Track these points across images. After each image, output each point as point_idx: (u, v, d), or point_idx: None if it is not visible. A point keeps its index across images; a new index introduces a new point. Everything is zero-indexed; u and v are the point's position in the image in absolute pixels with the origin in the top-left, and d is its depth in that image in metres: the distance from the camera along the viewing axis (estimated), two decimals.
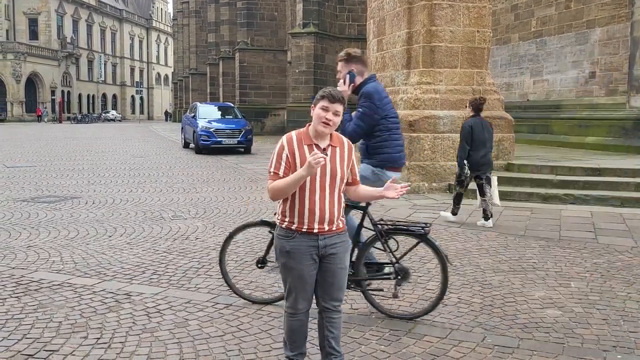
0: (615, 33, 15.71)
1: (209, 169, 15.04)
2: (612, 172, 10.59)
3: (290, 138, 3.07)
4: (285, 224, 3.06)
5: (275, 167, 3.03)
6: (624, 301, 4.82)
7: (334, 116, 3.00)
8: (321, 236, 3.05)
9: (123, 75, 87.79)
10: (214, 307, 4.68)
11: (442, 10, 11.34)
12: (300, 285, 3.11)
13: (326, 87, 3.14)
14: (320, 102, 3.04)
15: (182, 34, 58.29)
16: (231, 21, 34.41)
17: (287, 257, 3.07)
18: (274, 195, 3.04)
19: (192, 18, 50.79)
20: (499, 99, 11.98)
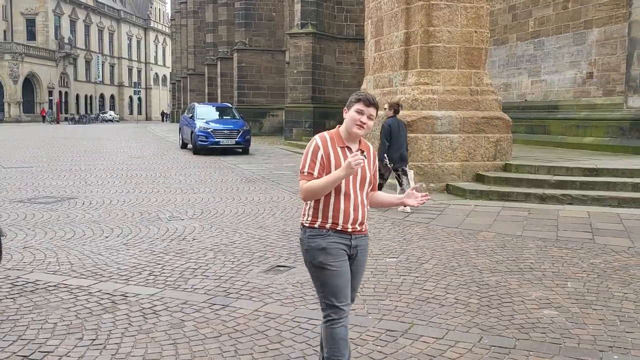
0: (612, 33, 15.72)
1: (207, 170, 15.03)
2: (610, 172, 10.59)
3: (324, 139, 3.00)
4: (318, 224, 3.01)
5: (310, 166, 2.95)
6: (621, 301, 4.82)
7: (368, 119, 2.98)
8: (353, 235, 3.04)
9: (121, 75, 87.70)
10: (211, 308, 4.67)
11: (440, 10, 11.34)
12: (341, 283, 3.02)
13: (360, 91, 3.08)
14: (355, 105, 2.99)
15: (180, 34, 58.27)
16: (229, 21, 34.40)
17: (325, 254, 2.99)
18: (307, 196, 2.97)
19: (190, 18, 50.76)
20: (497, 100, 11.98)
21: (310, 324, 4.34)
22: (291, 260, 6.11)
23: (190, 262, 6.02)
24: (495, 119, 11.60)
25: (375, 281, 5.40)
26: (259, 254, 6.38)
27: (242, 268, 5.82)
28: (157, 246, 6.72)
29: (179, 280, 5.43)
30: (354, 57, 24.82)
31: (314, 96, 24.02)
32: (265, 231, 7.57)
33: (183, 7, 54.91)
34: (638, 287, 5.22)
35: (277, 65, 31.03)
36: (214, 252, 6.47)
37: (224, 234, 7.37)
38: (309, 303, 4.80)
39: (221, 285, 5.28)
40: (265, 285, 5.28)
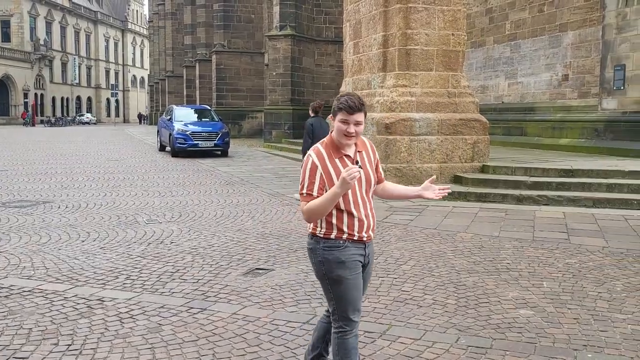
0: (587, 36, 15.97)
1: (185, 172, 14.94)
2: (585, 173, 10.75)
3: (320, 155, 2.86)
4: (334, 234, 2.88)
5: (309, 187, 2.82)
6: (595, 300, 4.89)
7: (356, 126, 2.81)
8: (367, 244, 2.98)
9: (98, 77, 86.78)
10: (188, 312, 4.64)
11: (418, 13, 11.42)
12: (355, 296, 2.94)
13: (341, 96, 2.90)
14: (338, 115, 2.83)
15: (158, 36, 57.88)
16: (208, 23, 34.24)
17: (343, 267, 2.89)
18: (310, 217, 2.84)
19: (168, 20, 50.43)
20: (474, 102, 12.09)
21: (288, 326, 4.34)
22: (270, 263, 6.10)
23: (168, 266, 5.98)
24: (473, 121, 11.71)
25: None
26: (238, 256, 6.36)
27: (220, 271, 5.80)
28: (135, 250, 6.66)
29: (157, 284, 5.38)
30: (333, 59, 24.87)
31: (293, 98, 24.01)
32: (244, 234, 7.55)
33: (161, 8, 54.58)
34: (612, 286, 5.30)
35: (256, 67, 30.96)
36: (192, 255, 6.43)
37: (202, 237, 7.33)
38: (288, 306, 4.80)
39: (199, 288, 5.25)
40: (243, 288, 5.26)
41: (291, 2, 23.58)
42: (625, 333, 4.19)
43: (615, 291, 5.15)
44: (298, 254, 6.47)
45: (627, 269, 5.87)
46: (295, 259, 6.26)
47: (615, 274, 5.68)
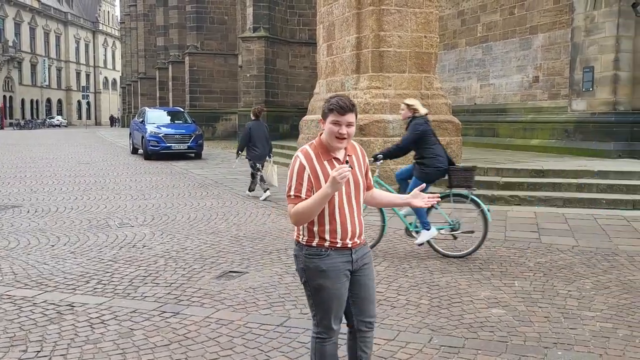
0: (556, 39, 16.23)
1: (158, 175, 14.79)
2: (555, 173, 10.92)
3: (308, 155, 2.77)
4: (316, 242, 2.80)
5: (296, 189, 2.72)
6: (565, 299, 4.97)
7: (347, 128, 2.71)
8: (353, 250, 2.86)
9: (68, 79, 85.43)
10: (161, 316, 4.59)
11: (390, 15, 11.48)
12: (336, 305, 2.87)
13: (331, 98, 2.82)
14: (329, 116, 2.74)
15: (130, 37, 57.23)
16: (180, 25, 33.97)
17: (324, 277, 2.80)
18: (298, 221, 2.75)
19: (140, 21, 49.90)
20: (447, 104, 12.20)
21: (262, 329, 4.32)
22: (244, 266, 6.07)
23: (140, 270, 5.91)
24: (446, 122, 11.81)
25: None
26: (211, 260, 6.32)
27: (193, 274, 5.75)
28: (106, 254, 6.57)
29: (129, 288, 5.32)
30: (307, 61, 24.87)
31: (267, 100, 23.93)
32: (217, 237, 7.50)
33: (133, 9, 53.97)
34: (581, 284, 5.39)
35: (229, 69, 30.81)
36: (164, 259, 6.37)
37: (175, 241, 7.26)
38: (261, 308, 4.78)
39: (172, 292, 5.20)
40: (217, 291, 5.22)
41: (265, 3, 23.52)
42: (594, 330, 4.26)
43: (584, 289, 5.24)
44: (272, 257, 6.45)
45: (596, 268, 5.97)
46: (269, 262, 6.24)
47: (584, 273, 5.78)
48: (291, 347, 3.99)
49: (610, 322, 4.42)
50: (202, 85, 30.58)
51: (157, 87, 40.73)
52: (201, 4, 30.27)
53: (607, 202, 9.59)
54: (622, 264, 6.12)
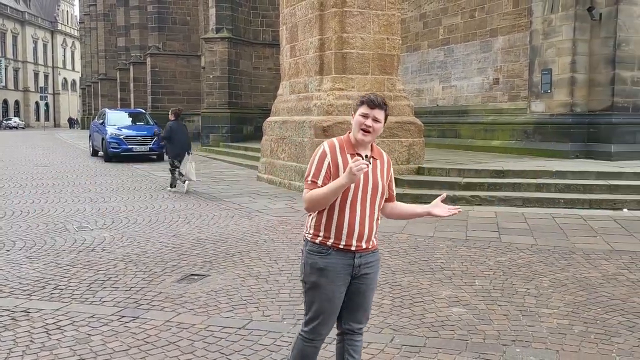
0: (516, 41, 16.54)
1: (119, 178, 14.54)
2: (515, 174, 11.12)
3: (332, 145, 2.79)
4: (320, 239, 2.79)
5: (314, 175, 2.73)
6: (524, 297, 5.06)
7: (374, 122, 2.74)
8: (357, 254, 2.80)
9: (26, 80, 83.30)
10: (120, 321, 4.51)
11: (353, 17, 11.53)
12: (328, 309, 2.82)
13: (367, 93, 2.86)
14: (359, 109, 2.78)
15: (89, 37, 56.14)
16: (142, 25, 33.49)
17: (320, 274, 2.78)
18: (310, 206, 2.74)
19: (100, 21, 49.02)
20: (409, 105, 12.31)
21: (224, 332, 4.28)
22: (206, 269, 6.01)
23: (99, 274, 5.79)
24: (408, 124, 11.91)
25: (290, 286, 5.39)
26: (173, 263, 6.23)
27: (154, 278, 5.66)
28: (64, 258, 6.41)
29: (87, 293, 5.20)
30: (271, 62, 24.78)
31: (230, 101, 23.77)
32: (179, 239, 7.40)
33: (92, 9, 52.96)
34: (539, 282, 5.50)
35: (192, 70, 30.49)
36: (124, 262, 6.25)
37: (135, 244, 7.14)
38: (223, 311, 4.73)
39: (132, 296, 5.11)
40: (178, 294, 5.15)
41: (227, 4, 23.35)
42: (551, 327, 4.34)
43: (542, 287, 5.34)
44: (235, 259, 6.40)
45: (553, 266, 6.10)
46: (232, 264, 6.19)
47: (542, 271, 5.89)
48: (253, 350, 3.96)
49: (566, 318, 4.52)
50: (165, 86, 30.21)
51: (118, 88, 40.10)
52: (163, 5, 29.90)
53: (565, 202, 9.81)
54: (579, 261, 6.27)
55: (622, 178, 10.69)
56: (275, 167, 13.17)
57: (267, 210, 9.69)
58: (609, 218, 8.80)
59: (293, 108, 12.83)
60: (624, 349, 3.95)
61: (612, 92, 13.48)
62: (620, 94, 13.50)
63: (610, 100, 13.54)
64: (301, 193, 11.43)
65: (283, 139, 12.91)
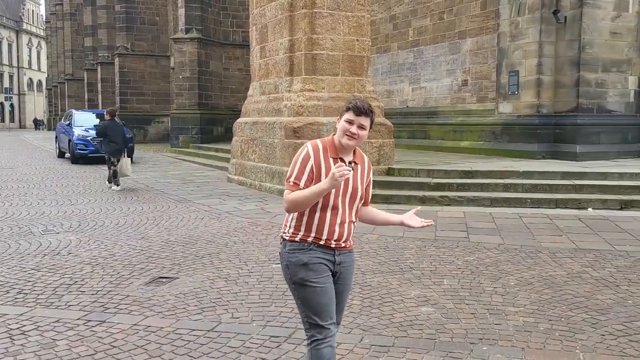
0: (484, 43, 16.76)
1: (86, 180, 14.32)
2: (483, 174, 11.27)
3: (316, 147, 2.79)
4: (300, 237, 2.80)
5: (297, 176, 2.74)
6: (491, 295, 5.13)
7: (359, 129, 2.76)
8: (337, 251, 2.84)
9: None
10: (86, 325, 4.44)
11: (323, 18, 11.55)
12: (325, 300, 2.80)
13: (353, 99, 2.87)
14: (345, 114, 2.79)
15: (56, 37, 55.14)
16: (109, 25, 33.04)
17: (306, 269, 2.77)
18: (291, 207, 2.75)
19: (67, 21, 48.18)
20: (379, 106, 12.37)
21: (192, 335, 4.24)
22: (174, 271, 5.95)
23: (65, 278, 5.69)
24: (378, 125, 11.96)
25: (260, 288, 5.38)
26: (141, 265, 6.16)
27: (121, 281, 5.58)
28: (28, 262, 6.29)
29: (52, 297, 5.11)
30: (241, 63, 24.67)
31: (200, 102, 23.59)
32: (147, 242, 7.32)
33: (59, 8, 52.02)
34: (506, 281, 5.57)
35: (161, 70, 30.20)
36: (91, 265, 6.16)
37: (103, 247, 7.04)
38: (192, 314, 4.69)
39: (98, 300, 5.03)
40: (146, 298, 5.09)
41: (197, 4, 23.17)
42: (517, 325, 4.41)
43: (509, 286, 5.42)
44: (204, 261, 6.35)
45: (520, 264, 6.19)
46: (201, 266, 6.14)
47: (509, 270, 5.98)
48: (222, 352, 3.94)
49: (532, 316, 4.59)
50: (133, 87, 29.86)
51: (85, 89, 39.50)
52: (131, 4, 29.56)
53: (532, 201, 9.97)
54: (545, 260, 6.38)
55: (587, 178, 10.91)
56: (246, 169, 13.11)
57: (237, 211, 9.64)
58: (574, 217, 8.97)
59: (263, 109, 12.79)
60: (587, 345, 4.03)
61: (577, 93, 13.76)
62: (585, 95, 13.78)
63: (575, 102, 13.81)
64: (272, 194, 11.44)
65: (253, 140, 12.86)
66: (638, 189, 10.27)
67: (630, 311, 4.72)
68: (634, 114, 14.45)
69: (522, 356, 3.86)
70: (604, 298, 5.05)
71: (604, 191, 10.28)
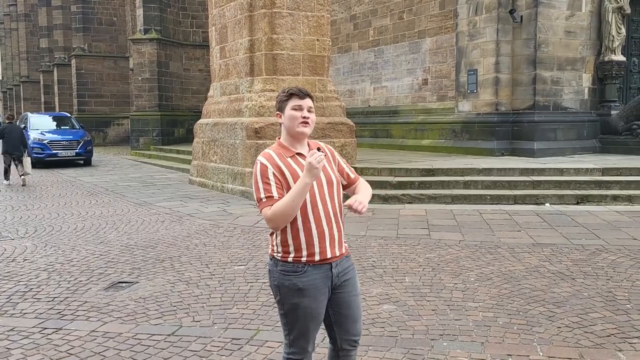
0: (443, 43, 16.97)
1: (43, 184, 13.98)
2: (444, 172, 11.40)
3: (269, 155, 2.58)
4: (292, 257, 2.56)
5: (265, 190, 2.50)
6: (451, 291, 5.19)
7: (309, 112, 2.59)
8: (334, 263, 2.61)
9: None
10: (41, 333, 4.33)
11: (283, 18, 11.51)
12: (312, 326, 2.63)
13: (284, 89, 2.67)
14: (289, 102, 2.59)
15: (10, 38, 53.69)
16: (66, 26, 32.32)
17: (300, 295, 2.56)
18: (278, 222, 2.49)
19: (21, 22, 46.93)
20: (341, 106, 12.40)
21: (152, 340, 4.17)
22: (134, 275, 5.85)
23: (20, 285, 5.54)
24: (340, 125, 12.00)
25: (222, 290, 5.33)
26: (99, 271, 6.03)
27: (79, 287, 5.46)
28: None
29: (6, 305, 4.97)
30: (202, 63, 24.41)
31: (161, 104, 23.26)
32: (106, 246, 7.18)
33: (13, 9, 50.65)
34: (466, 277, 5.65)
35: (120, 72, 29.69)
36: (47, 272, 6.01)
37: (60, 252, 6.88)
38: (152, 318, 4.62)
39: (55, 307, 4.91)
40: (104, 303, 4.99)
41: (155, 5, 22.83)
42: (477, 320, 4.47)
43: (469, 281, 5.49)
44: (165, 265, 6.26)
45: (480, 260, 6.28)
46: (161, 270, 6.05)
47: (469, 266, 6.06)
48: (182, 356, 3.89)
49: (491, 311, 4.66)
50: (91, 89, 29.29)
51: (42, 92, 38.53)
52: (87, 5, 28.98)
53: (491, 198, 10.14)
54: (504, 255, 6.48)
55: (544, 174, 11.15)
56: (207, 170, 12.99)
57: (199, 214, 9.54)
58: (533, 213, 9.15)
59: (224, 110, 12.69)
60: (544, 338, 4.11)
61: (533, 91, 14.05)
62: (541, 93, 14.08)
63: (532, 99, 14.09)
64: (234, 196, 11.35)
65: (215, 141, 12.75)
66: (593, 184, 10.55)
67: (585, 303, 4.83)
68: (588, 110, 14.83)
69: (481, 350, 3.92)
70: (560, 291, 5.16)
71: (561, 187, 10.53)
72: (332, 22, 15.67)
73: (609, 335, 4.15)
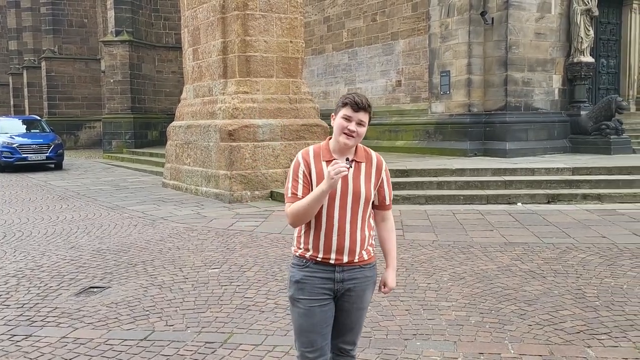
0: (416, 45, 17.10)
1: (12, 189, 13.72)
2: (418, 172, 11.49)
3: (306, 152, 2.60)
4: (300, 252, 2.61)
5: (293, 187, 2.55)
6: (425, 291, 5.22)
7: (358, 127, 2.52)
8: (338, 268, 2.57)
9: None
10: (10, 340, 4.25)
11: (256, 20, 11.48)
12: (306, 326, 2.57)
13: (348, 93, 2.62)
14: (341, 111, 2.54)
15: None
16: (35, 27, 31.79)
17: (296, 287, 2.59)
18: (293, 220, 2.54)
19: None
20: (315, 107, 12.41)
21: (124, 345, 4.13)
22: (106, 280, 5.77)
23: None
24: (314, 126, 12.01)
25: (196, 294, 5.29)
26: (70, 276, 5.94)
27: (49, 293, 5.37)
28: None
29: None
30: (175, 65, 24.24)
31: (133, 106, 23.04)
32: (78, 251, 7.07)
33: None
34: (440, 277, 5.69)
35: (92, 74, 29.31)
36: (17, 278, 5.90)
37: (29, 258, 6.76)
38: (124, 324, 4.56)
39: (24, 313, 4.83)
40: (75, 309, 4.92)
41: (127, 6, 22.61)
42: (450, 319, 4.51)
43: (442, 281, 5.54)
44: (137, 269, 6.19)
45: (453, 260, 6.34)
46: (134, 274, 5.98)
47: (443, 265, 6.11)
48: None
49: (464, 310, 4.71)
50: (62, 91, 28.86)
51: (11, 95, 37.84)
52: (57, 6, 28.56)
53: (464, 198, 10.24)
54: (477, 255, 6.55)
55: (516, 174, 11.30)
56: (181, 173, 12.89)
57: (172, 217, 9.46)
58: (505, 212, 9.26)
59: (198, 112, 12.61)
60: (515, 336, 4.16)
61: (505, 92, 14.24)
62: (513, 94, 14.28)
63: (504, 100, 14.28)
64: (208, 198, 11.31)
65: (188, 143, 12.66)
66: (564, 183, 10.72)
67: (555, 301, 4.91)
68: (558, 111, 15.08)
69: (454, 349, 3.95)
70: (531, 289, 5.23)
71: (532, 186, 10.68)
72: (306, 24, 15.68)
73: (579, 332, 4.23)
